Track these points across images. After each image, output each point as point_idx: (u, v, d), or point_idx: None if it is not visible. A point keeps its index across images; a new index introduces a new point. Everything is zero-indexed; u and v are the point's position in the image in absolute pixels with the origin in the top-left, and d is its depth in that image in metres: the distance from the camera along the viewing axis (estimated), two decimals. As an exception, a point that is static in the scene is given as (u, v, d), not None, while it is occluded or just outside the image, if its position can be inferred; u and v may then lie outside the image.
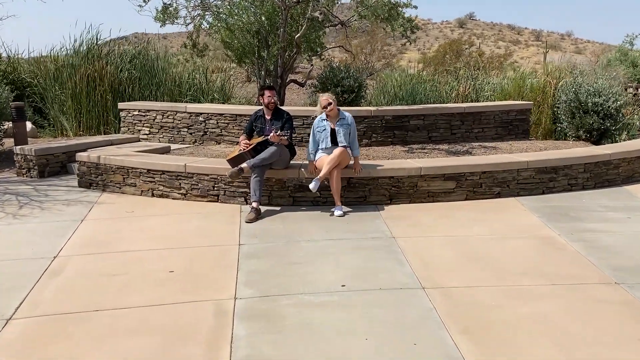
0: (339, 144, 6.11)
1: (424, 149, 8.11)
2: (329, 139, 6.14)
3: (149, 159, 6.96)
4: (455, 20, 68.38)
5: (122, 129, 9.77)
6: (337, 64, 10.92)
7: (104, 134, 10.46)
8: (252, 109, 8.71)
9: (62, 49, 11.99)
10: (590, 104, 9.14)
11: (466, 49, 19.17)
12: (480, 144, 8.54)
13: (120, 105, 9.76)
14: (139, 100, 10.83)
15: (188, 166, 6.56)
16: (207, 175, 6.50)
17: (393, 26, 9.16)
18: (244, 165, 5.96)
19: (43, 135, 11.13)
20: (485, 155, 7.68)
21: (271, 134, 5.91)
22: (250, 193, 6.04)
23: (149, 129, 9.35)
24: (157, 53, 12.64)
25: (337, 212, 5.88)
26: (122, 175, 7.01)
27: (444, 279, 4.12)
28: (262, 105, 6.37)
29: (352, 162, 6.21)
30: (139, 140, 9.38)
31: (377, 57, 24.56)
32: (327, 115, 6.21)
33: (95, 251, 4.77)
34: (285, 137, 6.00)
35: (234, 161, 6.18)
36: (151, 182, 6.81)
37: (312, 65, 10.84)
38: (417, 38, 12.00)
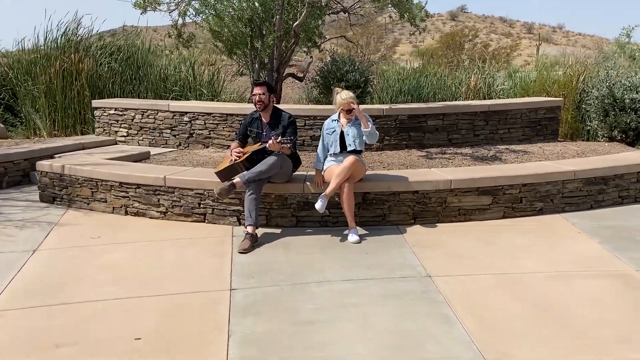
0: (349, 147, 4.99)
1: (444, 153, 7.00)
2: (338, 143, 5.02)
3: (121, 169, 5.79)
4: (447, 12, 67.51)
5: (96, 130, 8.59)
6: (339, 57, 9.76)
7: (82, 134, 9.31)
8: (244, 108, 7.56)
9: (37, 40, 10.79)
10: (627, 101, 8.07)
11: (469, 40, 18.07)
12: (507, 147, 7.44)
13: (95, 103, 8.57)
14: (121, 96, 9.67)
15: (168, 179, 5.41)
16: (191, 190, 5.35)
17: (402, 13, 8.04)
18: (236, 179, 4.82)
19: (14, 135, 9.92)
20: (518, 161, 6.57)
21: (270, 142, 4.77)
22: (244, 213, 4.91)
23: (127, 130, 8.17)
24: (140, 45, 11.47)
25: (352, 238, 4.75)
26: (91, 189, 5.84)
27: (512, 347, 3.01)
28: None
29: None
30: (116, 144, 8.21)
31: (373, 50, 23.42)
32: (339, 115, 5.08)
33: (40, 302, 3.60)
34: (288, 146, 4.86)
35: (225, 174, 5.04)
36: (124, 197, 5.66)
37: (311, 57, 9.69)
38: (425, 27, 10.87)
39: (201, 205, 5.36)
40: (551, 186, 5.58)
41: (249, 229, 4.69)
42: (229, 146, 5.21)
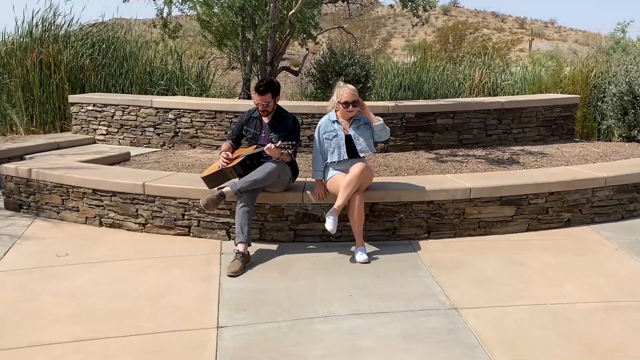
0: (361, 153, 4.34)
1: (455, 155, 6.36)
2: (344, 148, 4.35)
3: (95, 174, 5.10)
4: (439, 7, 67.17)
5: (74, 127, 7.87)
6: (338, 48, 9.08)
7: (62, 131, 8.64)
8: (236, 105, 6.87)
9: (16, 29, 10.06)
10: (649, 98, 7.48)
11: (470, 33, 17.41)
12: (522, 148, 6.82)
13: (71, 98, 7.85)
14: (104, 91, 8.98)
15: (148, 186, 4.73)
16: (174, 199, 4.68)
17: (405, 2, 7.38)
18: (226, 188, 4.15)
19: (-11, 131, 9.21)
20: (538, 165, 5.95)
21: (268, 146, 4.11)
22: (234, 227, 4.24)
23: (106, 128, 7.47)
24: (126, 36, 10.75)
25: (360, 257, 4.10)
26: (61, 196, 5.15)
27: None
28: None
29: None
30: (95, 143, 7.50)
31: (366, 44, 22.72)
32: (338, 115, 4.42)
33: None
34: (289, 152, 4.21)
35: (213, 180, 4.38)
36: (98, 206, 4.98)
37: (307, 49, 9.00)
38: (428, 18, 10.21)
39: (185, 217, 4.69)
40: (580, 195, 4.97)
41: (240, 247, 4.02)
42: (219, 146, 4.53)
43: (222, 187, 4.22)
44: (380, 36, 34.97)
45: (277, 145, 4.09)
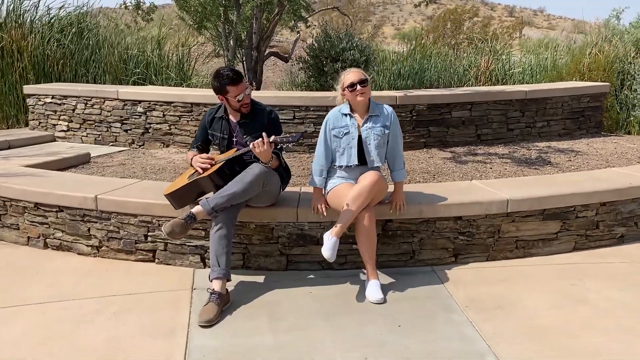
0: (372, 164, 3.38)
1: (475, 154, 5.43)
2: (355, 151, 3.39)
3: (39, 183, 4.10)
4: (417, 4, 66.69)
5: (31, 122, 6.85)
6: (334, 30, 8.06)
7: (25, 125, 7.61)
8: (214, 96, 5.79)
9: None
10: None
11: (469, 18, 16.44)
12: (548, 144, 5.91)
13: (26, 89, 6.82)
14: (73, 81, 7.98)
15: (101, 200, 3.74)
16: (134, 216, 3.70)
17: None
18: (196, 209, 3.17)
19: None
20: (575, 166, 5.04)
21: (256, 142, 3.12)
22: (209, 254, 3.27)
23: (67, 123, 6.45)
24: (98, 21, 9.69)
25: (374, 295, 3.14)
26: (-3, 210, 4.16)
27: None
28: (228, 105, 3.45)
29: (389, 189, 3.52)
30: (54, 140, 6.50)
31: (357, 31, 21.68)
32: (352, 105, 3.44)
33: None
34: (290, 144, 3.24)
35: (181, 197, 3.40)
36: (43, 224, 3.98)
37: (298, 32, 7.98)
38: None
39: (149, 239, 3.71)
40: (637, 205, 4.06)
41: (216, 285, 3.05)
42: (189, 161, 3.54)
43: (193, 207, 3.24)
44: (372, 22, 33.90)
45: (270, 140, 3.11)
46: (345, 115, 3.41)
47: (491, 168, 4.90)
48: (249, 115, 3.43)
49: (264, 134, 3.13)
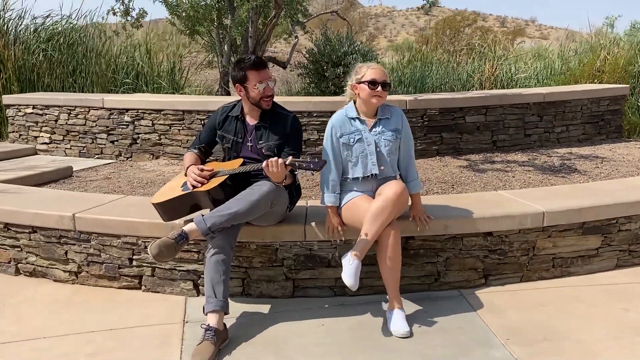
0: (382, 174, 2.93)
1: (493, 162, 5.00)
2: (374, 157, 2.91)
3: (9, 200, 3.61)
4: (420, 7, 67.22)
5: (11, 135, 6.38)
6: (335, 34, 7.64)
7: (6, 138, 7.15)
8: (208, 102, 5.31)
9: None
10: None
11: (468, 25, 16.14)
12: (569, 150, 5.49)
13: (5, 99, 6.36)
14: (61, 92, 7.55)
15: (79, 219, 3.26)
16: (118, 237, 3.22)
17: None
18: (190, 225, 2.70)
19: None
20: (604, 174, 4.60)
21: (272, 162, 2.63)
22: (203, 280, 2.79)
23: (49, 135, 5.99)
24: (86, 29, 9.27)
25: (399, 328, 2.66)
26: (-37, 232, 3.66)
27: None
28: (247, 97, 2.96)
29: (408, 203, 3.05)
30: (36, 154, 6.03)
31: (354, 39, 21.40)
32: (362, 104, 2.98)
33: None
34: (298, 170, 2.75)
35: (172, 209, 2.93)
36: (14, 247, 3.50)
37: (296, 37, 7.57)
38: (434, 2, 8.87)
39: (134, 263, 3.23)
40: (682, 216, 3.61)
41: (211, 320, 2.57)
42: (185, 168, 3.05)
43: (184, 227, 2.76)
44: (367, 32, 33.75)
45: (287, 162, 2.64)
46: (353, 119, 2.95)
47: (513, 177, 4.46)
48: (268, 118, 2.97)
49: (280, 159, 2.62)
